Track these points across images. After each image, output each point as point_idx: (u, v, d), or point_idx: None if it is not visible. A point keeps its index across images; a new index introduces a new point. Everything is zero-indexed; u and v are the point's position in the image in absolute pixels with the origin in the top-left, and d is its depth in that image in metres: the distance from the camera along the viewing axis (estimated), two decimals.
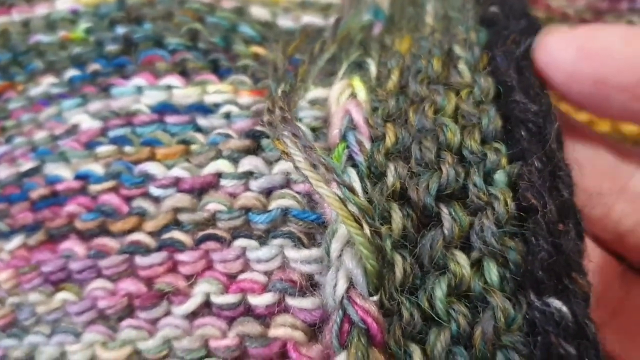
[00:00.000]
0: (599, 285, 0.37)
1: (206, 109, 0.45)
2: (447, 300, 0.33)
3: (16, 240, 0.45)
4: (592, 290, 0.33)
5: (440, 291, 0.33)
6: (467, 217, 0.35)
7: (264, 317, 0.38)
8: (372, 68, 0.43)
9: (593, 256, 0.35)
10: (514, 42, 0.41)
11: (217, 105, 0.45)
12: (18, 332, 0.43)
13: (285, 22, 0.51)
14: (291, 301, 0.37)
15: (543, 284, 0.32)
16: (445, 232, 0.35)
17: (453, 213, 0.35)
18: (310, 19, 0.51)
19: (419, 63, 0.42)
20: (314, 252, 0.37)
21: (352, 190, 0.33)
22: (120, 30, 0.50)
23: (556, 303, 0.32)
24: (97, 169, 0.44)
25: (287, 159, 0.36)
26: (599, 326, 0.32)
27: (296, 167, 0.35)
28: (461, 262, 0.34)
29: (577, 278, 0.33)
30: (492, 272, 0.33)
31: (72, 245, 0.43)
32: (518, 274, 0.33)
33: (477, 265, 0.34)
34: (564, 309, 0.32)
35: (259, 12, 0.51)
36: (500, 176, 0.36)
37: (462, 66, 0.41)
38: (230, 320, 0.38)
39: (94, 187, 0.44)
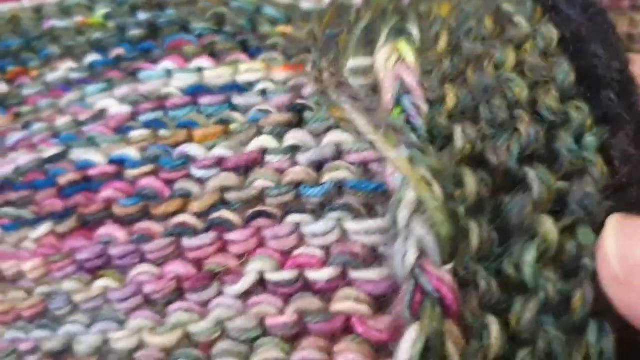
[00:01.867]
0: None
1: (241, 88, 0.44)
2: (537, 267, 0.32)
3: (43, 228, 0.44)
4: None
5: (530, 256, 0.32)
6: (556, 182, 0.33)
7: (325, 292, 0.37)
8: (415, 32, 0.41)
9: None
10: None
11: (251, 84, 0.44)
12: (49, 323, 0.42)
13: (307, 4, 0.51)
14: (355, 274, 0.36)
15: None
16: (535, 196, 0.33)
17: (542, 176, 0.33)
18: None
19: (468, 23, 0.40)
20: (377, 222, 0.36)
21: (424, 151, 0.33)
22: (143, 16, 0.49)
23: None
24: (133, 153, 0.43)
25: (346, 126, 0.35)
26: None
27: (359, 133, 0.34)
28: (551, 228, 0.32)
29: None
30: (590, 237, 0.32)
31: (111, 230, 0.42)
32: None
33: (568, 231, 0.32)
34: None
35: None
36: (591, 140, 0.34)
37: (518, 18, 0.39)
38: (288, 297, 0.38)
39: (131, 172, 0.43)
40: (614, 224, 0.31)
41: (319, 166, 0.40)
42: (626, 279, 0.29)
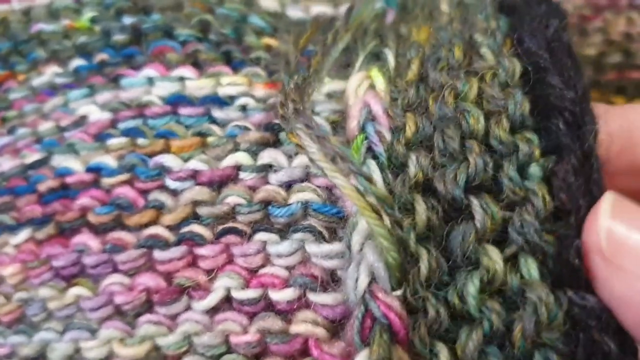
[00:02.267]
0: None
1: (221, 101, 0.44)
2: (480, 297, 0.32)
3: (23, 234, 0.44)
4: None
5: (472, 287, 0.32)
6: (500, 211, 0.34)
7: (285, 313, 0.37)
8: (390, 58, 0.42)
9: None
10: (540, 23, 0.39)
11: (232, 98, 0.44)
12: (26, 329, 0.42)
13: (294, 12, 0.50)
14: (313, 297, 0.36)
15: (579, 280, 0.32)
16: (478, 225, 0.33)
17: (484, 206, 0.34)
18: (320, 8, 0.50)
19: (439, 52, 0.41)
20: (336, 246, 0.37)
21: (369, 180, 0.33)
22: (128, 20, 0.49)
23: (592, 299, 0.31)
24: (110, 161, 0.43)
25: (301, 152, 0.35)
26: None
27: (310, 160, 0.34)
28: (494, 257, 0.33)
29: None
30: (532, 267, 0.32)
31: (85, 239, 0.42)
32: (555, 270, 0.32)
33: (512, 261, 0.33)
34: (601, 304, 0.31)
35: (267, 2, 0.50)
36: (535, 170, 0.34)
37: (484, 50, 0.40)
38: (251, 316, 0.38)
39: (107, 180, 0.43)
40: (609, 200, 0.32)
41: (288, 186, 0.40)
42: (610, 254, 0.31)
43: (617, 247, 0.31)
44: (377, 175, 0.36)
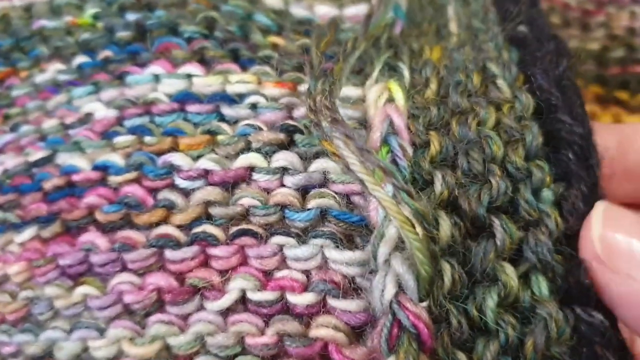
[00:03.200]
0: None
1: (230, 99, 0.44)
2: (497, 311, 0.34)
3: (28, 232, 0.44)
4: None
5: (491, 301, 0.34)
6: (517, 231, 0.35)
7: (303, 317, 0.38)
8: (406, 73, 0.43)
9: None
10: (551, 62, 0.41)
11: (241, 96, 0.44)
12: (32, 327, 0.42)
13: (298, 10, 0.50)
14: (334, 302, 0.37)
15: (587, 297, 0.34)
16: (498, 243, 0.35)
17: (505, 226, 0.35)
18: (323, 7, 0.50)
19: (456, 76, 0.42)
20: (357, 254, 0.37)
21: (409, 194, 0.33)
22: (131, 16, 0.49)
23: (599, 316, 0.33)
24: (117, 159, 0.43)
25: (337, 161, 0.35)
26: None
27: (349, 169, 0.34)
28: (510, 274, 0.34)
29: None
30: (542, 284, 0.34)
31: (93, 237, 0.42)
32: (563, 288, 0.34)
33: (524, 278, 0.35)
34: (606, 322, 0.33)
35: (271, 0, 0.50)
36: (547, 194, 0.37)
37: (501, 82, 0.42)
38: (268, 318, 0.38)
39: (114, 179, 0.43)
40: (600, 209, 0.35)
41: (304, 190, 0.40)
42: (605, 259, 0.33)
43: (610, 251, 0.33)
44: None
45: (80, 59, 0.49)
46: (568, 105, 0.39)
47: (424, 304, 0.33)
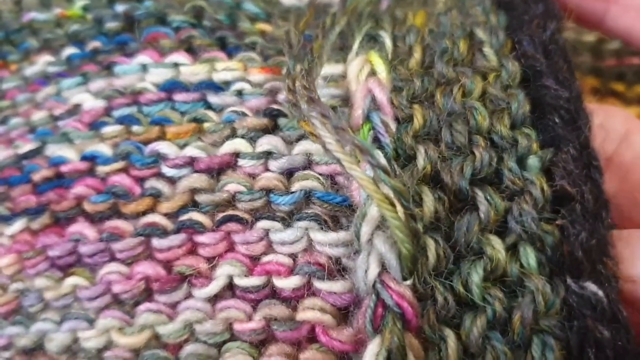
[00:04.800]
0: None
1: (216, 87, 0.44)
2: (483, 285, 0.33)
3: (18, 224, 0.43)
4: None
5: (476, 276, 0.33)
6: (502, 202, 0.35)
7: (290, 300, 0.37)
8: (387, 42, 0.42)
9: None
10: (538, 26, 0.41)
11: (227, 83, 0.44)
12: (23, 320, 0.42)
13: None
14: (319, 284, 0.37)
15: (579, 267, 0.33)
16: (482, 216, 0.34)
17: (489, 197, 0.35)
18: None
19: (443, 43, 0.41)
20: (341, 235, 0.37)
21: (387, 172, 0.32)
22: (120, 7, 0.48)
23: (592, 287, 0.32)
24: (105, 149, 0.43)
25: (315, 141, 0.35)
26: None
27: (326, 149, 0.34)
28: (496, 247, 0.34)
29: (608, 263, 0.33)
30: (530, 256, 0.33)
31: (81, 228, 0.41)
32: (554, 259, 0.33)
33: (512, 250, 0.34)
34: (600, 293, 0.32)
35: None
36: (533, 161, 0.36)
37: (487, 50, 0.41)
38: (255, 303, 0.38)
39: (102, 169, 0.42)
40: None
41: (289, 174, 0.40)
42: None
43: None
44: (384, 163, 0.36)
45: (70, 50, 0.48)
46: (553, 71, 0.38)
47: (408, 282, 0.33)
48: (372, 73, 0.40)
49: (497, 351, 0.32)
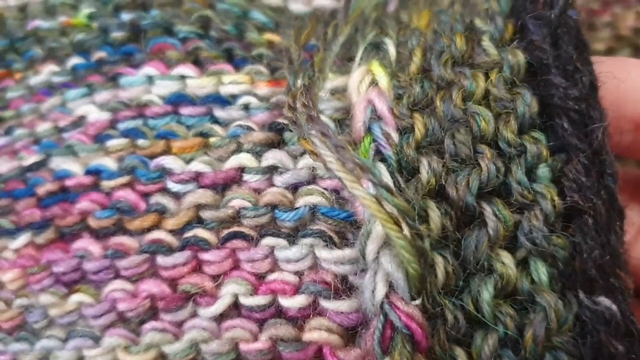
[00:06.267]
0: None
1: (223, 100, 0.43)
2: (494, 303, 0.32)
3: (22, 239, 0.43)
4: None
5: (487, 293, 0.32)
6: (512, 216, 0.33)
7: (296, 320, 0.37)
8: (391, 49, 0.41)
9: None
10: (545, 4, 0.38)
11: (234, 97, 0.43)
12: (28, 336, 0.41)
13: (296, 6, 0.49)
14: (326, 304, 0.36)
15: (592, 282, 0.32)
16: (490, 232, 0.33)
17: (497, 212, 0.33)
18: (322, 1, 0.49)
19: (440, 41, 0.39)
20: (347, 252, 0.36)
21: (389, 190, 0.31)
22: (126, 16, 0.48)
23: (606, 301, 0.31)
24: (110, 163, 0.42)
25: (315, 159, 0.34)
26: None
27: (327, 168, 0.33)
28: (507, 263, 0.33)
29: (622, 275, 0.32)
30: (541, 271, 0.32)
31: (86, 244, 0.41)
32: (566, 273, 0.32)
33: (522, 265, 0.33)
34: (614, 307, 0.31)
35: None
36: (543, 172, 0.34)
37: (486, 42, 0.39)
38: (261, 323, 0.37)
39: (107, 183, 0.42)
40: None
41: (294, 189, 0.39)
42: None
43: None
44: (387, 180, 0.35)
45: (75, 60, 0.48)
46: (562, 63, 0.36)
47: (417, 302, 0.32)
48: (374, 82, 0.39)
49: None
